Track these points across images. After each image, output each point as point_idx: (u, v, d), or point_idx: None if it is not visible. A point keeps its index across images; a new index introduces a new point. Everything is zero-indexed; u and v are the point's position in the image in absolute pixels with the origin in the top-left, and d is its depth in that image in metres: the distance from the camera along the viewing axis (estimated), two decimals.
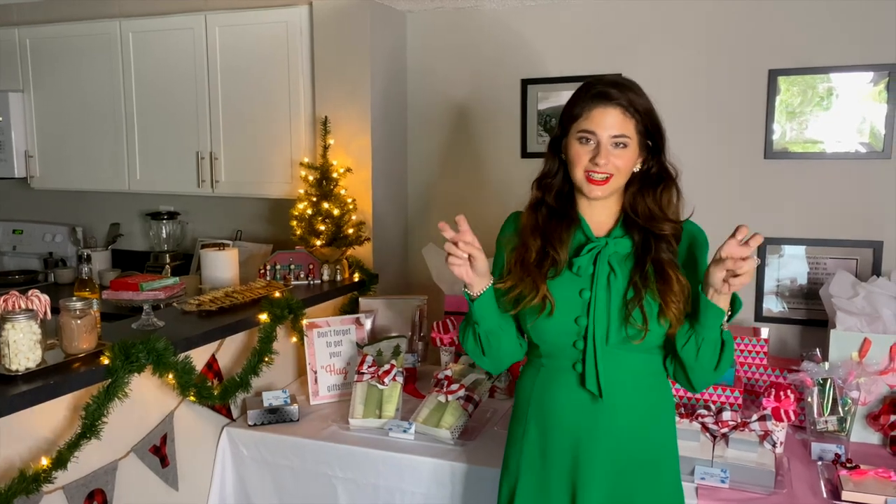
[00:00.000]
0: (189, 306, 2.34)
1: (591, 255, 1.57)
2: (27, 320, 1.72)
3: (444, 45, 3.24)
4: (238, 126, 3.28)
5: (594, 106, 1.54)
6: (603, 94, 1.54)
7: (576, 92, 1.60)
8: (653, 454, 1.62)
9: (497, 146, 3.20)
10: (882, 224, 2.69)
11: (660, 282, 1.52)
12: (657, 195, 1.58)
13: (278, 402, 2.35)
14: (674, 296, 1.51)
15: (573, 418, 1.60)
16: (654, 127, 1.57)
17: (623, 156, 1.54)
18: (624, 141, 1.53)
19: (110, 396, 1.78)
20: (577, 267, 1.58)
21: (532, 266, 1.59)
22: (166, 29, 3.37)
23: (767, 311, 2.86)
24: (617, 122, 1.52)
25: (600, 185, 1.54)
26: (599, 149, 1.52)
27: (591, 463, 1.58)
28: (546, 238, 1.61)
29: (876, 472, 1.88)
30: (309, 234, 2.98)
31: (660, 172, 1.60)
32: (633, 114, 1.53)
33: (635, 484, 1.59)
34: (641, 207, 1.58)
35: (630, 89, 1.55)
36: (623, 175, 1.56)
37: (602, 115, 1.53)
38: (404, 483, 2.12)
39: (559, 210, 1.63)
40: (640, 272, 1.54)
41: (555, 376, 1.63)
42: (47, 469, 1.66)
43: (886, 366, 2.17)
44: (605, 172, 1.53)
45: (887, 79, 2.62)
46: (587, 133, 1.54)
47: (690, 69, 2.88)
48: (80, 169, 3.66)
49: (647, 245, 1.56)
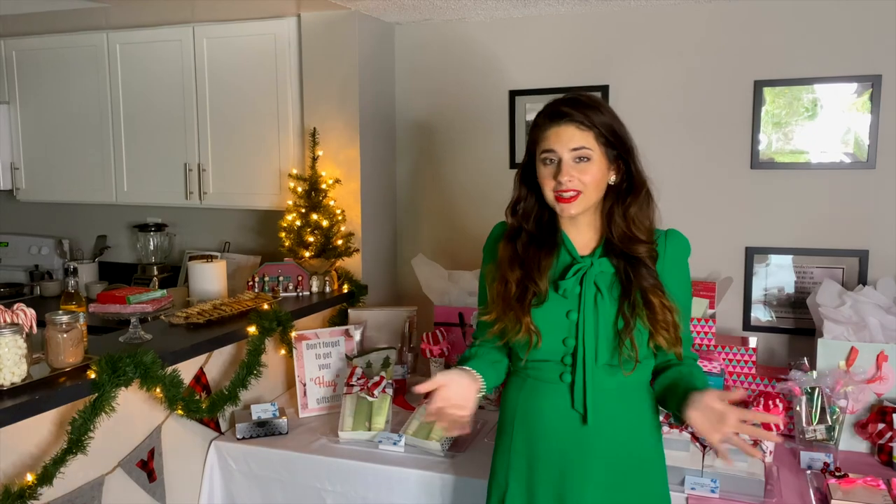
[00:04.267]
0: (177, 319, 2.32)
1: (576, 278, 1.57)
2: (12, 335, 1.70)
3: (433, 57, 3.25)
4: (226, 137, 3.28)
5: (549, 126, 1.55)
6: (555, 112, 1.55)
7: (535, 116, 1.61)
8: (640, 463, 1.62)
9: (485, 157, 3.21)
10: (867, 233, 2.72)
11: (647, 310, 1.53)
12: (626, 210, 1.58)
13: (267, 416, 2.33)
14: (662, 322, 1.53)
15: (560, 430, 1.60)
16: (615, 137, 1.56)
17: (587, 170, 1.53)
18: (586, 154, 1.53)
19: (97, 411, 1.77)
20: (563, 289, 1.57)
21: (513, 300, 1.58)
22: (154, 41, 3.36)
23: (755, 320, 2.87)
24: (573, 136, 1.53)
25: (569, 202, 1.54)
26: (561, 167, 1.53)
27: (578, 473, 1.58)
28: (525, 269, 1.60)
29: (865, 481, 1.88)
30: (298, 245, 2.97)
31: (629, 184, 1.59)
32: (588, 126, 1.53)
33: (624, 492, 1.59)
34: (615, 228, 1.58)
35: (585, 105, 1.54)
36: (593, 189, 1.55)
37: (557, 133, 1.54)
38: (394, 496, 2.11)
39: (538, 236, 1.63)
40: (628, 300, 1.54)
41: (541, 388, 1.63)
42: (32, 485, 1.64)
43: (873, 374, 2.19)
44: (570, 190, 1.53)
45: (871, 90, 2.65)
46: (548, 153, 1.55)
47: (677, 80, 2.90)
48: (67, 181, 3.64)
49: (628, 272, 1.56)
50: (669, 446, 1.99)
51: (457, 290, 2.80)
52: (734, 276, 2.86)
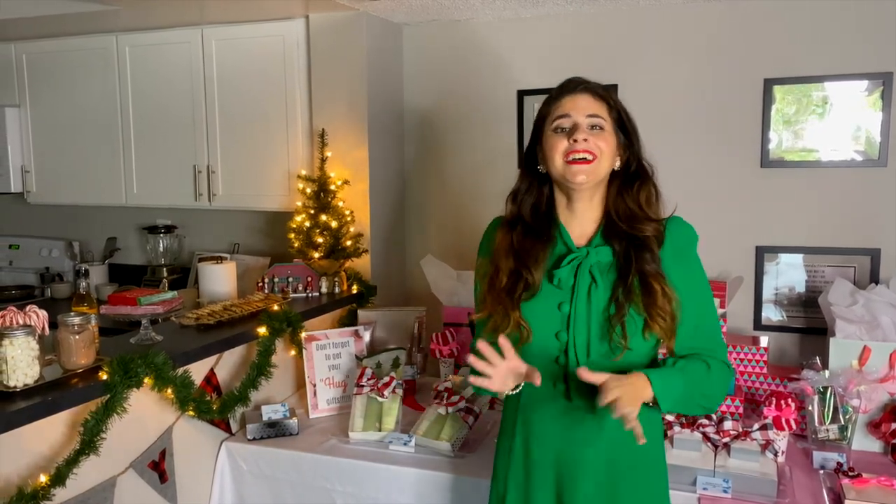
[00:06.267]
0: (187, 320, 2.33)
1: (571, 267, 1.53)
2: (25, 336, 1.70)
3: (441, 58, 3.25)
4: (235, 139, 3.29)
5: (565, 94, 1.55)
6: (570, 81, 1.56)
7: (544, 100, 1.61)
8: (638, 465, 1.58)
9: (494, 157, 3.21)
10: (879, 232, 2.70)
11: (644, 295, 1.48)
12: (635, 193, 1.55)
13: (277, 416, 2.34)
14: (659, 309, 1.47)
15: (556, 433, 1.57)
16: (626, 116, 1.56)
17: (602, 137, 1.51)
18: (600, 122, 1.52)
19: (109, 412, 1.77)
20: (557, 279, 1.53)
21: (503, 293, 1.55)
22: (163, 43, 3.38)
23: (766, 319, 2.86)
24: (589, 103, 1.53)
25: (583, 165, 1.49)
26: (577, 127, 1.50)
27: (574, 477, 1.56)
28: (519, 258, 1.57)
29: (878, 481, 1.87)
30: (307, 246, 2.97)
31: (637, 170, 1.57)
32: (603, 97, 1.54)
33: (621, 495, 1.56)
34: (622, 208, 1.55)
35: (600, 84, 1.56)
36: (606, 160, 1.52)
37: (573, 100, 1.53)
38: (405, 496, 2.11)
39: (535, 227, 1.60)
40: (624, 285, 1.49)
41: (538, 390, 1.57)
42: (45, 486, 1.65)
43: (886, 373, 2.17)
44: (586, 151, 1.49)
45: (882, 88, 2.63)
46: (562, 118, 1.52)
47: (686, 79, 2.89)
48: (77, 183, 3.66)
49: (629, 255, 1.51)
50: (681, 446, 1.99)
51: (465, 290, 2.80)
52: (745, 275, 2.84)
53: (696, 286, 1.56)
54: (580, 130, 1.50)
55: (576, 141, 1.49)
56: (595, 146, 1.50)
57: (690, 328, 1.53)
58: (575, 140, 1.49)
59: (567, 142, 1.50)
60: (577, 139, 1.49)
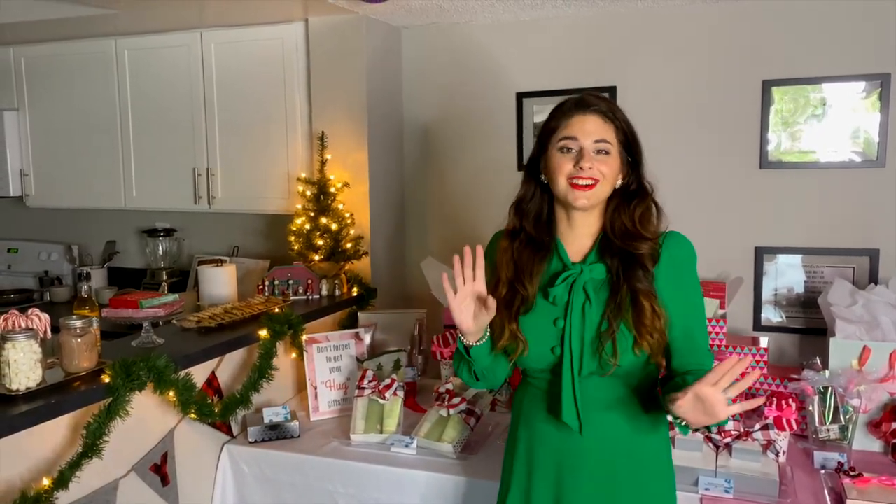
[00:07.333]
0: (188, 323, 2.33)
1: (566, 284, 1.55)
2: (27, 339, 1.71)
3: (440, 60, 3.26)
4: (235, 142, 3.29)
5: (573, 114, 1.54)
6: (581, 101, 1.55)
7: (552, 109, 1.60)
8: (640, 468, 1.58)
9: (493, 159, 3.21)
10: (878, 232, 2.71)
11: (634, 312, 1.49)
12: (632, 210, 1.56)
13: (279, 419, 2.34)
14: (648, 328, 1.48)
15: (556, 438, 1.59)
16: (632, 137, 1.57)
17: (607, 162, 1.53)
18: (606, 147, 1.53)
19: (111, 415, 1.77)
20: (552, 296, 1.55)
21: (502, 305, 1.56)
22: (162, 47, 3.38)
23: (766, 320, 2.87)
24: (598, 127, 1.53)
25: (585, 190, 1.51)
26: (583, 153, 1.51)
27: (574, 481, 1.57)
28: (517, 272, 1.59)
29: (879, 480, 1.88)
30: (307, 249, 2.97)
31: (637, 189, 1.58)
32: (612, 119, 1.54)
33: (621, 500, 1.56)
34: (618, 224, 1.56)
35: (610, 102, 1.56)
36: (608, 183, 1.54)
37: (582, 121, 1.53)
38: (406, 498, 2.11)
39: (536, 239, 1.61)
40: (615, 302, 1.51)
41: (539, 395, 1.63)
42: (48, 489, 1.65)
43: (886, 373, 2.18)
44: (589, 178, 1.51)
45: (880, 89, 2.64)
46: (569, 140, 1.53)
47: (685, 81, 2.90)
48: (76, 187, 3.66)
49: (621, 272, 1.52)
50: (682, 447, 2.00)
51: None
52: (744, 276, 2.85)
53: (691, 303, 1.58)
54: (586, 158, 1.51)
55: (581, 168, 1.51)
56: (598, 172, 1.52)
57: (689, 345, 1.55)
58: (581, 168, 1.51)
59: (572, 166, 1.52)
60: (583, 167, 1.51)
